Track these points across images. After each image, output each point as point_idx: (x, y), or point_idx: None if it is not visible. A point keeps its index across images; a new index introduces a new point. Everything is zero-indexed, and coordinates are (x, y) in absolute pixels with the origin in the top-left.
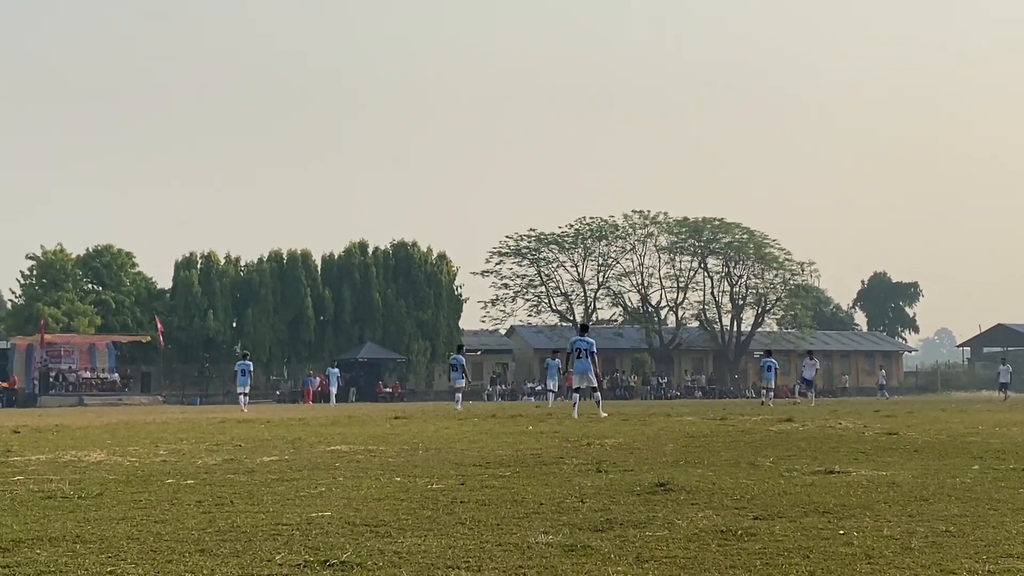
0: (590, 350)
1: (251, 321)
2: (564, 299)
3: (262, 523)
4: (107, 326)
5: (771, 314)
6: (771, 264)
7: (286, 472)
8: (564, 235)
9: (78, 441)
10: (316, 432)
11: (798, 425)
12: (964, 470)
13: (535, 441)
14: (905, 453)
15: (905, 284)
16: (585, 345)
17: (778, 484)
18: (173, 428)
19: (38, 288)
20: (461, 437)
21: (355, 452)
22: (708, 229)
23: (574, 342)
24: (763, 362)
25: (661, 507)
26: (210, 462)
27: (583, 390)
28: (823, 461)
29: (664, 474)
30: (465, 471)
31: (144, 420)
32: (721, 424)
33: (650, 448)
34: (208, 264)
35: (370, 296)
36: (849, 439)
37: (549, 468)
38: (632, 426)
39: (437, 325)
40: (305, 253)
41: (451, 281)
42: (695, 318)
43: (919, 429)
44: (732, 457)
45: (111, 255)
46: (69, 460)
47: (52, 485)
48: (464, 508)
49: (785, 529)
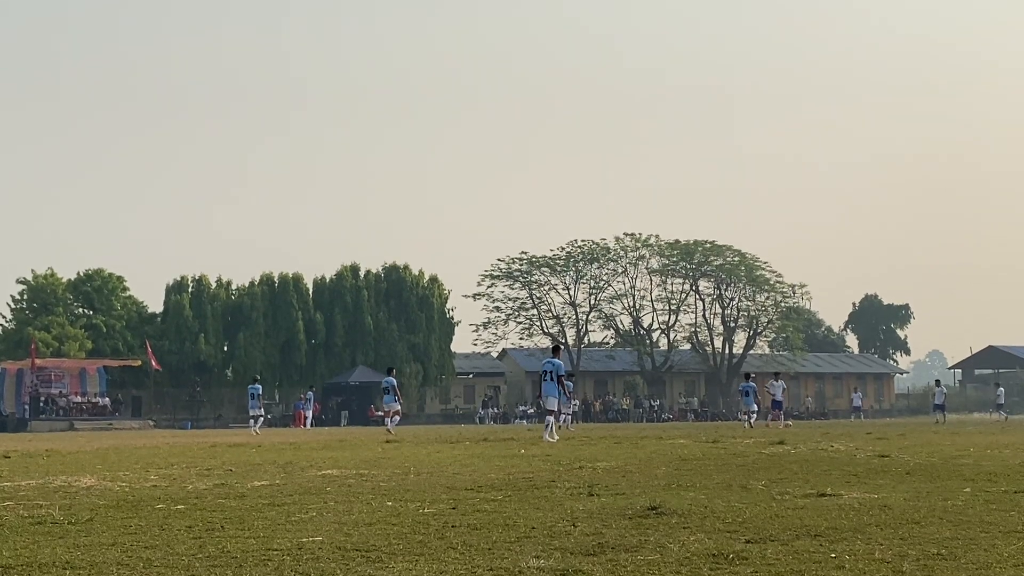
0: (556, 372)
1: (242, 345)
2: (556, 322)
3: (252, 548)
4: (98, 350)
5: (763, 336)
6: (762, 286)
7: (277, 497)
8: (556, 258)
9: (68, 466)
10: (307, 456)
11: (790, 448)
12: (956, 492)
13: (527, 464)
14: (897, 476)
15: (896, 306)
16: (550, 367)
17: (770, 507)
18: (164, 453)
19: (28, 312)
20: (453, 461)
21: (346, 476)
22: (699, 252)
23: (543, 364)
24: (742, 386)
25: (653, 531)
26: (201, 487)
27: (556, 412)
28: (815, 484)
29: (656, 497)
30: (457, 495)
31: (135, 445)
32: (713, 447)
33: (642, 471)
34: (199, 288)
35: (362, 319)
36: (841, 462)
37: (541, 492)
38: (624, 449)
39: (429, 348)
40: (296, 276)
41: (443, 304)
42: (687, 340)
43: (911, 451)
44: (724, 480)
45: (102, 279)
46: (59, 485)
47: (42, 511)
48: (456, 532)
49: (777, 552)
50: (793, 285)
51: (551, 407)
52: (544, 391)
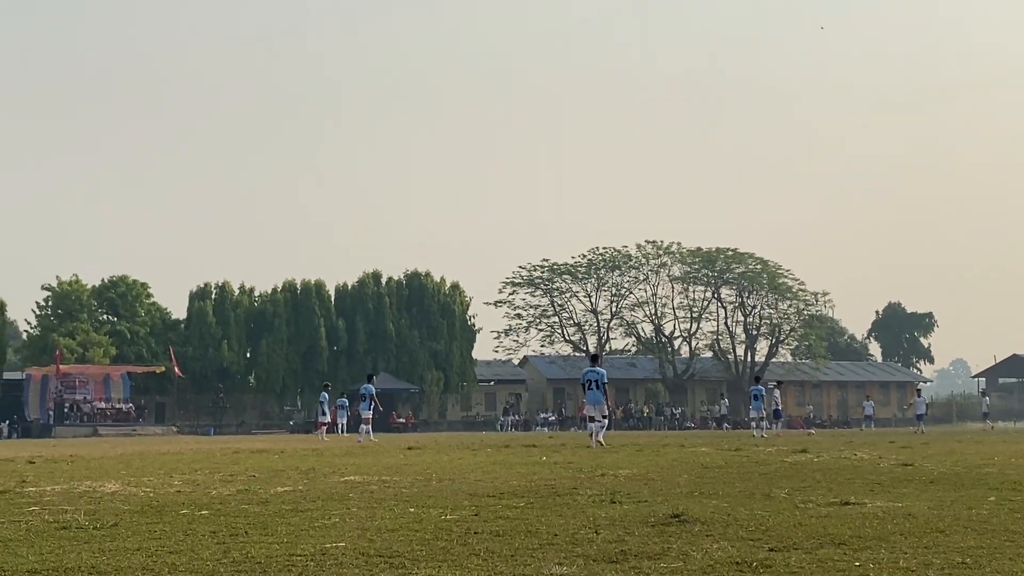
0: (602, 381)
1: (265, 351)
2: (577, 329)
3: (276, 554)
4: (122, 356)
5: (785, 344)
6: (785, 294)
7: (300, 503)
8: (577, 265)
9: (93, 472)
10: (330, 462)
11: (813, 456)
12: (980, 501)
13: (549, 472)
14: (921, 484)
15: (920, 314)
16: (596, 376)
17: (793, 515)
18: (187, 458)
19: (53, 319)
20: (475, 468)
21: (369, 483)
22: (721, 259)
23: (586, 373)
24: (751, 390)
25: (676, 538)
26: (224, 492)
27: (598, 420)
28: (838, 492)
29: (679, 505)
30: (479, 502)
31: (158, 450)
32: (735, 455)
33: (664, 479)
34: (222, 294)
35: (383, 326)
36: (864, 470)
37: (563, 499)
38: (646, 456)
39: (450, 355)
40: (319, 283)
41: (464, 311)
42: (709, 348)
43: (935, 460)
44: (747, 488)
45: (126, 286)
46: (84, 491)
47: (67, 516)
48: (478, 539)
49: (800, 561)
50: (816, 293)
51: (594, 413)
52: (590, 399)
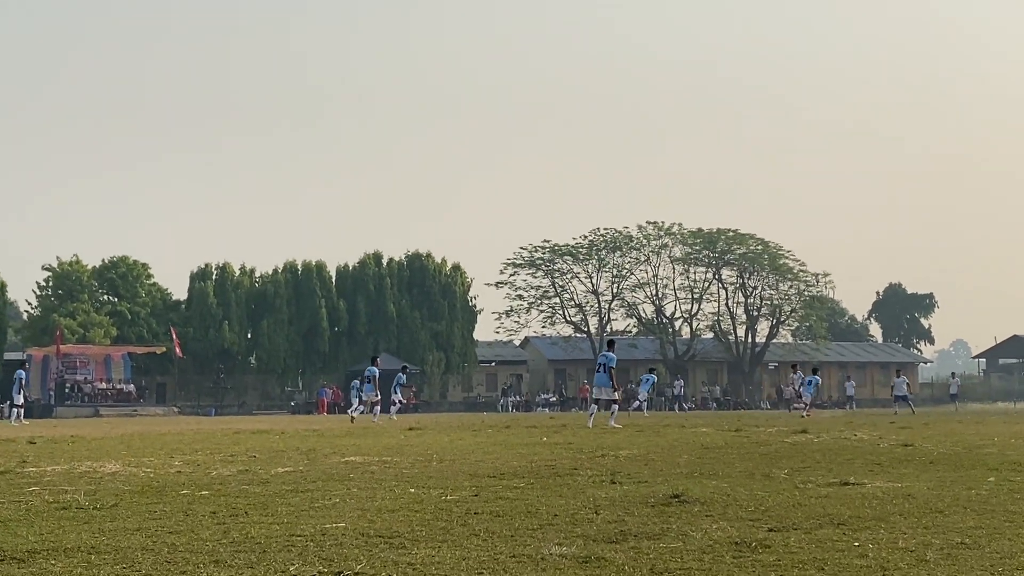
0: (608, 365)
1: (266, 332)
2: (578, 310)
3: (276, 534)
4: (123, 337)
5: (786, 325)
6: (786, 275)
7: (300, 483)
8: (578, 246)
9: (93, 452)
10: (330, 443)
11: (813, 437)
12: (980, 482)
13: (549, 452)
14: (920, 465)
15: (920, 295)
16: (604, 360)
17: (793, 496)
18: (188, 439)
19: (54, 299)
20: (475, 448)
21: (369, 463)
22: (722, 240)
23: (599, 356)
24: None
25: (675, 519)
26: (225, 473)
27: (601, 401)
28: (838, 473)
29: (678, 485)
30: (479, 482)
31: (159, 431)
32: (735, 435)
33: (664, 459)
34: (223, 275)
35: (384, 307)
36: (864, 451)
37: (563, 479)
38: (646, 437)
39: (451, 336)
40: (320, 264)
41: (465, 292)
42: (710, 329)
43: (934, 441)
44: (747, 469)
45: (127, 266)
46: (84, 471)
47: (67, 496)
48: (478, 519)
49: (800, 541)
50: (816, 274)
51: (598, 395)
52: (595, 381)
